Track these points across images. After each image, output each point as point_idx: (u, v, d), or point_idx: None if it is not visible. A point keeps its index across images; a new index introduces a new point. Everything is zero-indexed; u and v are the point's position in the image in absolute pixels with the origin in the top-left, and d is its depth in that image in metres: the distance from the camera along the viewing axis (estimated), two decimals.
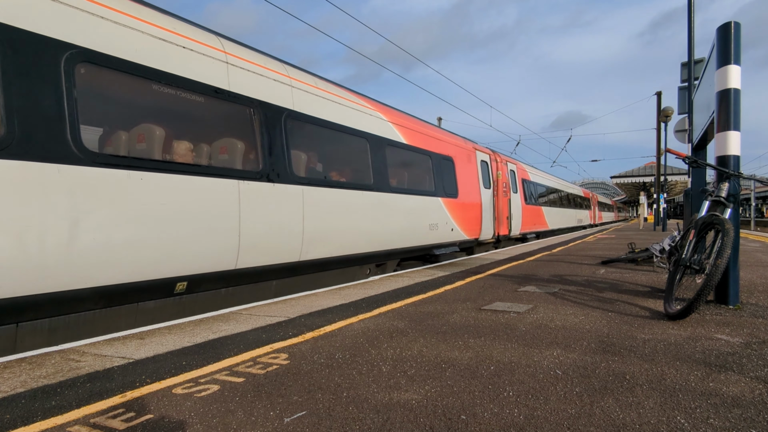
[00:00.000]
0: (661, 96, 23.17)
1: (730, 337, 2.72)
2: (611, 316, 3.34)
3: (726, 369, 2.18)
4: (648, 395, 1.89)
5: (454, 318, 3.44)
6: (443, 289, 4.82)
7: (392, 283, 5.45)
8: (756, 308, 3.50)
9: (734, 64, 3.43)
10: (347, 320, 3.48)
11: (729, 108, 3.45)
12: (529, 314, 3.49)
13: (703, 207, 3.68)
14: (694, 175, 5.96)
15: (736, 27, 3.46)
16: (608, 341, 2.71)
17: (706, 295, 2.98)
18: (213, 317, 3.75)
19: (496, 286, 4.94)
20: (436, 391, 2.01)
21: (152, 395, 2.06)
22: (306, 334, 3.08)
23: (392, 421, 1.73)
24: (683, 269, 3.51)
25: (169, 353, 2.73)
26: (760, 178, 4.58)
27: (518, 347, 2.64)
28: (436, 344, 2.75)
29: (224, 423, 1.76)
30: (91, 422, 1.80)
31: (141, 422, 1.78)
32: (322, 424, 1.73)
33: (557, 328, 3.05)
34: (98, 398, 2.04)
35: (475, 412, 1.79)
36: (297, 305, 4.17)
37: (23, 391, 2.17)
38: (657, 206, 23.07)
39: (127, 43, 3.79)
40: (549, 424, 1.67)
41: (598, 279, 5.28)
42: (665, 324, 3.09)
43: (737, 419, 1.66)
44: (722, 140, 3.49)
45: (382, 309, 3.86)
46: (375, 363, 2.43)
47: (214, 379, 2.25)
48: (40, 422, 1.81)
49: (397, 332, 3.06)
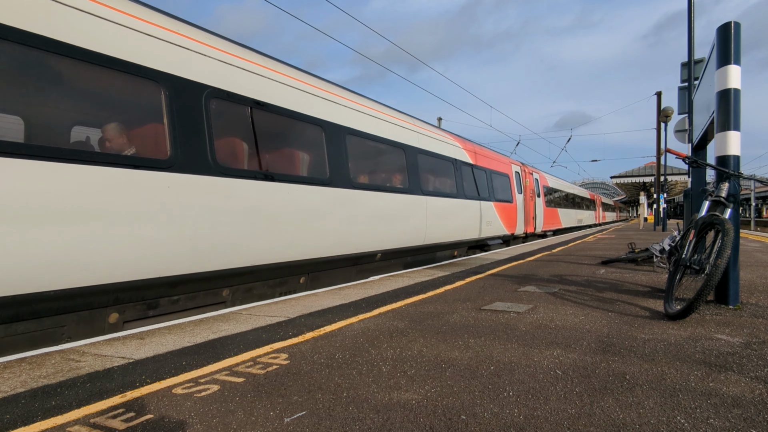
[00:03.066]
0: (661, 96, 23.17)
1: (730, 337, 2.72)
2: (611, 316, 3.34)
3: (726, 369, 2.18)
4: (648, 395, 1.89)
5: (454, 318, 3.44)
6: (443, 289, 4.82)
7: (392, 283, 5.44)
8: (756, 308, 3.50)
9: (734, 64, 3.43)
10: (347, 320, 3.47)
11: (729, 108, 3.44)
12: (529, 314, 3.49)
13: (703, 207, 3.68)
14: (694, 175, 5.96)
15: (736, 27, 3.46)
16: (608, 341, 2.71)
17: (706, 295, 2.97)
18: (213, 317, 3.75)
19: (496, 286, 4.94)
20: (436, 391, 2.01)
21: (152, 395, 2.06)
22: (306, 334, 3.08)
23: (392, 421, 1.73)
24: (683, 269, 3.51)
25: (169, 353, 2.73)
26: (760, 178, 4.58)
27: (518, 347, 2.64)
28: (436, 344, 2.75)
29: (224, 423, 1.76)
30: (91, 422, 1.80)
31: (141, 422, 1.78)
32: (322, 424, 1.73)
33: (557, 328, 3.05)
34: (98, 398, 2.04)
35: (475, 412, 1.79)
36: (297, 305, 4.17)
37: (23, 391, 2.17)
38: (657, 206, 23.07)
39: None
40: (549, 424, 1.67)
41: (598, 279, 5.28)
42: (665, 324, 3.09)
43: (737, 419, 1.66)
44: (722, 140, 3.49)
45: (382, 309, 3.86)
46: (375, 363, 2.43)
47: (214, 379, 2.25)
48: (40, 422, 1.81)
49: (397, 332, 3.06)
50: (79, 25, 3.48)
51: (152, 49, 3.98)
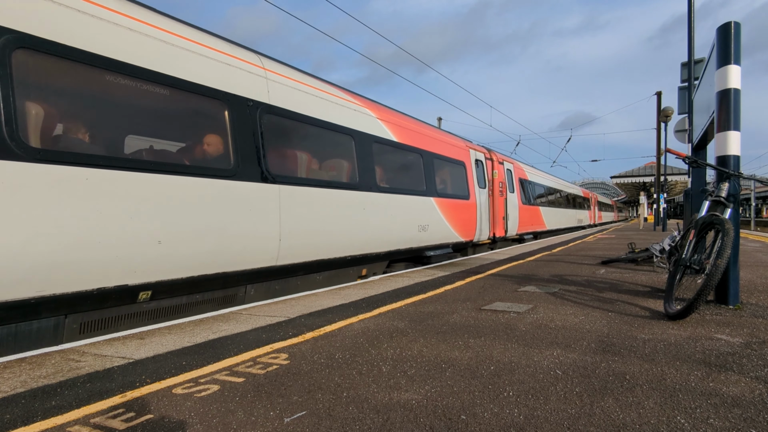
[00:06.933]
0: (661, 96, 23.17)
1: (730, 337, 2.72)
2: (611, 316, 3.34)
3: (726, 369, 2.18)
4: (648, 395, 1.89)
5: (454, 318, 3.44)
6: (443, 289, 4.82)
7: (392, 283, 5.44)
8: (756, 308, 3.50)
9: (734, 64, 3.43)
10: (347, 320, 3.47)
11: (729, 108, 3.44)
12: (529, 314, 3.49)
13: (703, 207, 3.68)
14: (694, 175, 5.96)
15: (736, 27, 3.46)
16: (608, 341, 2.70)
17: (706, 295, 2.97)
18: (213, 317, 3.75)
19: (496, 286, 4.94)
20: (436, 391, 2.01)
21: (152, 395, 2.06)
22: (306, 334, 3.08)
23: (392, 421, 1.73)
24: (683, 269, 3.51)
25: (169, 353, 2.73)
26: (760, 178, 4.58)
27: (518, 347, 2.63)
28: (436, 344, 2.75)
29: (224, 423, 1.76)
30: (91, 422, 1.80)
31: (141, 422, 1.78)
32: (322, 424, 1.73)
33: (557, 328, 3.05)
34: (98, 398, 2.04)
35: (475, 412, 1.79)
36: (297, 305, 4.17)
37: (23, 391, 2.17)
38: (657, 206, 23.07)
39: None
40: (549, 424, 1.67)
41: (598, 279, 5.28)
42: (665, 324, 3.09)
43: (737, 419, 1.66)
44: (722, 140, 3.49)
45: (382, 309, 3.86)
46: (375, 363, 2.43)
47: (214, 379, 2.25)
48: (40, 422, 1.81)
49: (397, 332, 3.06)
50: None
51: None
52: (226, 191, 4.45)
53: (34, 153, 3.11)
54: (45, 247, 3.13)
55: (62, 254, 3.23)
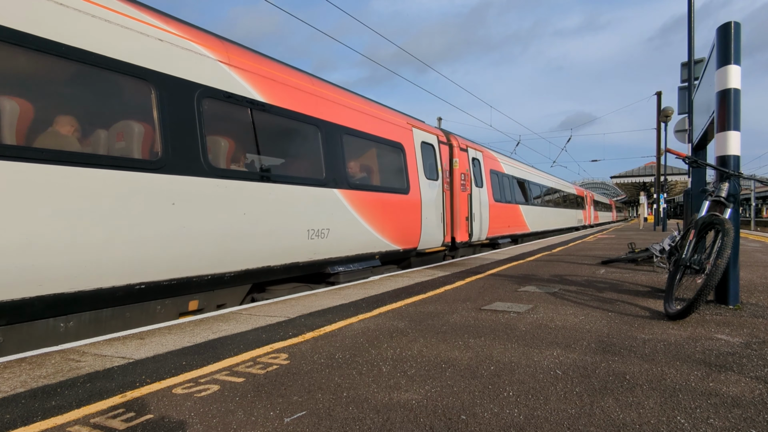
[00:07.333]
0: (661, 96, 23.17)
1: (730, 337, 2.72)
2: (611, 316, 3.34)
3: (726, 369, 2.18)
4: (648, 395, 1.89)
5: (454, 318, 3.44)
6: (443, 289, 4.82)
7: (392, 283, 5.45)
8: (756, 308, 3.50)
9: (734, 64, 3.43)
10: (347, 320, 3.47)
11: (729, 108, 3.44)
12: (529, 314, 3.49)
13: (703, 207, 3.68)
14: (694, 175, 5.96)
15: (736, 27, 3.46)
16: (608, 341, 2.70)
17: (706, 295, 2.97)
18: (213, 317, 3.75)
19: (496, 286, 4.94)
20: (436, 391, 2.01)
21: (152, 395, 2.06)
22: (306, 334, 3.08)
23: (392, 421, 1.73)
24: (683, 269, 3.51)
25: (169, 353, 2.73)
26: (760, 178, 4.58)
27: (518, 347, 2.63)
28: (436, 344, 2.75)
29: (224, 423, 1.76)
30: (91, 422, 1.80)
31: (141, 422, 1.78)
32: (322, 424, 1.73)
33: (557, 328, 3.05)
34: (98, 398, 2.04)
35: (475, 412, 1.79)
36: (297, 305, 4.17)
37: (23, 391, 2.17)
38: (657, 206, 23.08)
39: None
40: (549, 424, 1.67)
41: (598, 279, 5.28)
42: (665, 324, 3.09)
43: (737, 419, 1.66)
44: (722, 140, 3.49)
45: (382, 309, 3.86)
46: (375, 363, 2.43)
47: (214, 379, 2.25)
48: (40, 422, 1.81)
49: (397, 332, 3.06)
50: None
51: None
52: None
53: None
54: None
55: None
